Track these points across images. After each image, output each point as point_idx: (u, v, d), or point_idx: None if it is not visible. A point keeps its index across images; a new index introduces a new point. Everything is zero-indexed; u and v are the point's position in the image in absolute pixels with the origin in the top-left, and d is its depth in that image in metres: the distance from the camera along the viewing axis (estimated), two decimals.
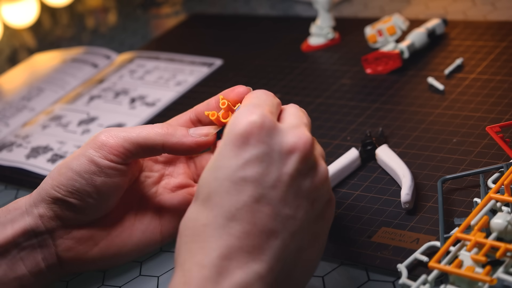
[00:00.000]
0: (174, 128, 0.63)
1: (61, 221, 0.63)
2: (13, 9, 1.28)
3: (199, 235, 0.50)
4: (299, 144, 0.52)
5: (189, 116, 0.67)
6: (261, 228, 0.50)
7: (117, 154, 0.62)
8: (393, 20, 0.90)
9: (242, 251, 0.50)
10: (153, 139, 0.62)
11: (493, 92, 0.78)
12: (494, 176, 0.64)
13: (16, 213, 0.64)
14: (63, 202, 0.62)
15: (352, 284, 0.60)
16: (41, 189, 0.63)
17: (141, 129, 0.63)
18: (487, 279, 0.50)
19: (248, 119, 0.52)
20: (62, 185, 0.62)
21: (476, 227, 0.54)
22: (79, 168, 0.62)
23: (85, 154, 0.62)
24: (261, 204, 0.50)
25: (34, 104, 1.04)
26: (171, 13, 1.27)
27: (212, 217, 0.50)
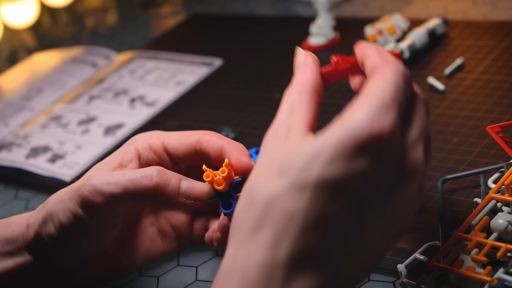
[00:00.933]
0: (164, 182, 0.57)
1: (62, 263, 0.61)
2: (13, 9, 1.28)
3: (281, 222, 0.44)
4: (417, 174, 0.45)
5: (194, 144, 0.61)
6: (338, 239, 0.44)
7: (100, 211, 0.57)
8: (394, 20, 0.90)
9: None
10: (140, 194, 0.57)
11: (494, 92, 0.78)
12: (495, 176, 0.64)
13: (15, 246, 0.61)
14: (58, 250, 0.60)
15: None
16: (36, 232, 0.60)
17: (128, 181, 0.56)
18: (487, 279, 0.50)
19: (376, 125, 0.44)
20: (55, 238, 0.58)
21: (477, 227, 0.54)
22: (68, 222, 0.58)
23: (71, 209, 0.57)
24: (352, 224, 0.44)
25: (34, 104, 1.04)
26: (171, 13, 1.27)
27: (301, 212, 0.44)
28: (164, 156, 0.62)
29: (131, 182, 0.56)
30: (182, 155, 0.62)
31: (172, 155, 0.62)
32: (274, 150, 0.47)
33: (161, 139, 0.62)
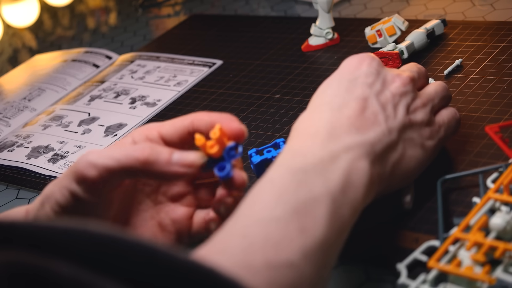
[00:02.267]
0: (155, 154, 0.58)
1: None
2: (14, 9, 1.28)
3: (313, 111, 0.60)
4: (400, 77, 0.63)
5: (187, 126, 0.63)
6: (367, 116, 0.59)
7: (94, 186, 0.58)
8: (393, 21, 0.91)
9: (351, 126, 0.58)
10: (132, 166, 0.58)
11: (492, 92, 0.78)
12: (493, 176, 0.64)
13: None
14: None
15: (352, 283, 0.60)
16: (34, 215, 0.61)
17: (120, 154, 0.58)
18: (486, 279, 0.50)
19: (362, 54, 0.64)
20: (48, 217, 0.59)
21: (475, 227, 0.55)
22: (65, 201, 0.58)
23: (67, 187, 0.58)
24: (369, 101, 0.60)
25: (35, 104, 1.04)
26: (172, 14, 1.27)
27: (328, 98, 0.60)
28: (161, 144, 0.63)
29: (124, 155, 0.58)
30: (177, 139, 0.63)
31: (168, 142, 0.63)
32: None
33: (157, 129, 0.63)
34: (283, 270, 0.49)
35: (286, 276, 0.49)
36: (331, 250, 0.52)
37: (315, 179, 0.54)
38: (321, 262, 0.51)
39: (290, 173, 0.54)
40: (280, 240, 0.50)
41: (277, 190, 0.53)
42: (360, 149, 0.57)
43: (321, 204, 0.52)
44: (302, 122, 0.60)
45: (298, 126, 0.60)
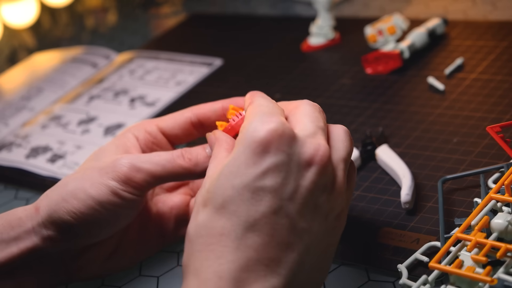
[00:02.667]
0: (194, 156, 0.60)
1: (72, 244, 0.62)
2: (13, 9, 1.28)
3: (214, 244, 0.49)
4: (317, 157, 0.51)
5: (190, 118, 0.66)
6: (279, 240, 0.49)
7: (140, 188, 0.60)
8: (393, 20, 0.90)
9: (260, 264, 0.49)
10: (177, 172, 0.60)
11: (494, 92, 0.78)
12: (495, 176, 0.64)
13: (21, 231, 0.60)
14: (76, 229, 0.60)
15: (352, 284, 0.60)
16: (51, 210, 0.60)
17: (165, 161, 0.60)
18: (487, 279, 0.50)
19: (268, 127, 0.50)
20: (80, 213, 0.59)
21: (477, 227, 0.54)
22: (101, 198, 0.59)
23: (107, 185, 0.59)
24: (279, 215, 0.49)
25: (34, 104, 1.04)
26: (171, 13, 1.27)
27: (230, 227, 0.49)
28: (160, 137, 0.65)
29: (169, 162, 0.60)
30: (179, 131, 0.65)
31: (168, 135, 0.65)
32: (199, 194, 0.53)
33: (155, 122, 0.65)
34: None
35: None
36: None
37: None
38: None
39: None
40: None
41: None
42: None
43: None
44: (200, 250, 0.50)
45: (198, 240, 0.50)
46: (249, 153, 0.50)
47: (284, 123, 0.51)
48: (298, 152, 0.51)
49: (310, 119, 0.54)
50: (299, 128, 0.53)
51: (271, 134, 0.50)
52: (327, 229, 0.52)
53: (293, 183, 0.50)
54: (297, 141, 0.51)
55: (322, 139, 0.52)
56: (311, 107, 0.55)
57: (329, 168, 0.52)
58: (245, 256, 0.48)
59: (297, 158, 0.50)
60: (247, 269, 0.48)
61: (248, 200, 0.49)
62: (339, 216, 0.53)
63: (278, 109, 0.54)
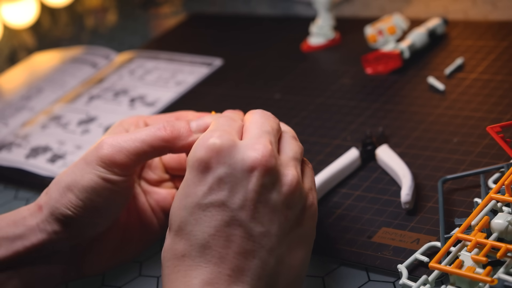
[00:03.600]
0: (177, 129, 0.60)
1: (76, 238, 0.62)
2: (13, 9, 1.28)
3: (179, 265, 0.52)
4: (258, 159, 0.52)
5: (175, 116, 0.67)
6: (236, 250, 0.51)
7: (126, 168, 0.60)
8: (394, 20, 0.90)
9: (223, 275, 0.50)
10: (158, 145, 0.60)
11: (494, 92, 0.78)
12: (495, 176, 0.64)
13: (25, 228, 0.61)
14: (78, 221, 0.60)
15: (352, 284, 0.60)
16: (53, 208, 0.60)
17: (144, 135, 0.60)
18: (487, 280, 0.50)
19: (206, 143, 0.52)
20: (78, 205, 0.60)
21: (477, 228, 0.54)
22: (92, 187, 0.59)
23: (95, 173, 0.59)
24: (232, 227, 0.51)
25: (34, 104, 1.04)
26: (171, 13, 1.27)
27: (188, 247, 0.51)
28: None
29: (148, 135, 0.60)
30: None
31: None
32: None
33: (143, 119, 0.66)
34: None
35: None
36: None
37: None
38: None
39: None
40: None
41: None
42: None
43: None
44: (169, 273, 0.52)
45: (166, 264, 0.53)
46: (194, 173, 0.52)
47: (221, 136, 0.52)
48: (241, 159, 0.52)
49: (256, 126, 0.56)
50: (245, 136, 0.55)
51: (210, 150, 0.52)
52: (291, 226, 0.53)
53: (241, 191, 0.51)
54: (237, 149, 0.52)
55: (265, 142, 0.53)
56: (259, 115, 0.57)
57: (275, 168, 0.52)
58: (207, 271, 0.51)
59: (240, 165, 0.52)
60: (211, 282, 0.50)
61: (201, 218, 0.51)
62: (304, 209, 0.54)
63: (228, 126, 0.55)
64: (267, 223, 0.52)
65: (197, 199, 0.51)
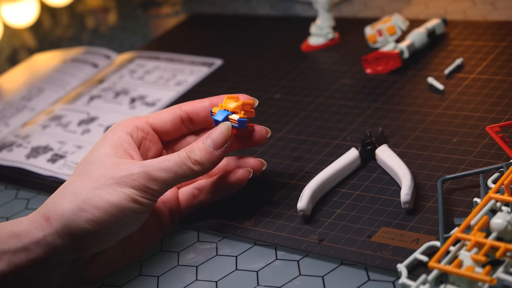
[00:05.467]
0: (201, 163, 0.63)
1: (82, 252, 0.62)
2: (13, 9, 1.28)
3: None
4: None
5: (179, 114, 0.69)
6: None
7: (157, 195, 0.62)
8: (393, 20, 0.90)
9: None
10: (187, 176, 0.63)
11: (493, 92, 0.78)
12: (494, 176, 0.64)
13: (30, 241, 0.60)
14: (92, 236, 0.60)
15: (352, 284, 0.60)
16: (68, 220, 0.60)
17: (176, 166, 0.62)
18: (487, 279, 0.50)
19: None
20: (100, 221, 0.60)
21: (476, 227, 0.54)
22: (121, 205, 0.60)
23: (125, 193, 0.60)
24: None
25: (34, 104, 1.04)
26: (171, 13, 1.27)
27: None
28: (152, 133, 0.68)
29: (179, 166, 0.62)
30: (170, 127, 0.69)
31: (159, 131, 0.68)
32: None
33: (144, 119, 0.68)
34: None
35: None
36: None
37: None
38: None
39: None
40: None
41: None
42: None
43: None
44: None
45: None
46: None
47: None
48: None
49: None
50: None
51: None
52: None
53: None
54: None
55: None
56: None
57: None
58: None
59: None
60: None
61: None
62: None
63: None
64: None
65: None
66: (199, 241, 0.69)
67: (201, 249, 0.68)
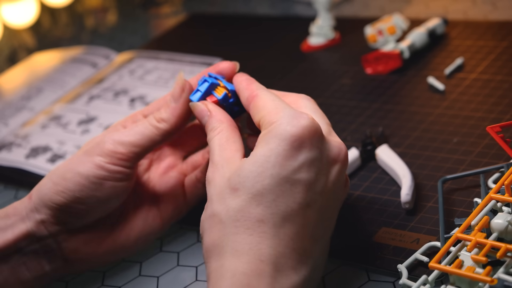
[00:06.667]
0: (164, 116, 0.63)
1: (64, 225, 0.63)
2: (13, 9, 1.28)
3: (253, 229, 0.51)
4: (342, 155, 0.55)
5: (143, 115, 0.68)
6: (310, 233, 0.53)
7: (126, 159, 0.62)
8: (394, 20, 0.90)
9: (295, 253, 0.52)
10: (155, 137, 0.63)
11: (494, 92, 0.78)
12: (495, 176, 0.64)
13: (16, 219, 0.63)
14: (67, 207, 0.62)
15: (352, 284, 0.60)
16: (42, 194, 0.62)
17: (143, 128, 0.63)
18: (487, 279, 0.50)
19: (302, 123, 0.53)
20: (69, 190, 0.61)
21: (477, 227, 0.54)
22: (87, 173, 0.61)
23: (93, 161, 0.62)
24: (310, 209, 0.53)
25: (34, 104, 1.04)
26: (171, 13, 1.27)
27: (269, 215, 0.52)
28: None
29: (145, 127, 0.63)
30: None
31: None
32: (220, 180, 0.54)
33: (140, 113, 0.67)
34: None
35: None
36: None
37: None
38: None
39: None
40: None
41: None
42: (304, 284, 0.52)
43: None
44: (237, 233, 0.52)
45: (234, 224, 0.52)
46: (286, 146, 0.52)
47: (314, 120, 0.54)
48: (328, 149, 0.54)
49: (319, 117, 0.58)
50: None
51: (307, 130, 0.53)
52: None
53: (323, 178, 0.54)
54: (325, 138, 0.55)
55: (337, 137, 0.57)
56: (313, 103, 0.59)
57: (347, 167, 0.56)
58: (283, 244, 0.51)
59: (326, 155, 0.54)
60: (285, 256, 0.51)
61: (287, 191, 0.52)
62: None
63: (311, 106, 0.59)
64: (333, 212, 0.55)
65: (286, 172, 0.52)
66: (199, 241, 0.69)
67: (201, 250, 0.67)
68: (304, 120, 0.53)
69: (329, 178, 0.54)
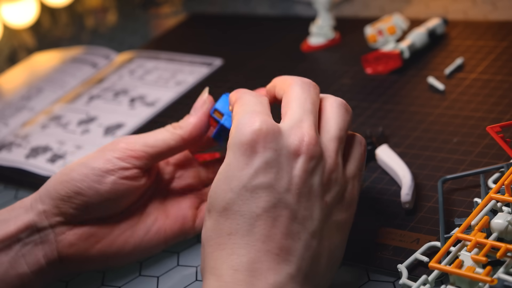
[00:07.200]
0: (185, 129, 0.65)
1: (64, 217, 0.63)
2: (13, 9, 1.28)
3: (225, 243, 0.52)
4: (303, 147, 0.53)
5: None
6: (283, 231, 0.52)
7: (137, 158, 0.63)
8: (394, 20, 0.90)
9: (270, 254, 0.52)
10: (172, 140, 0.65)
11: (494, 92, 0.78)
12: (495, 176, 0.64)
13: (21, 211, 0.64)
14: (68, 197, 0.62)
15: (352, 284, 0.60)
16: (48, 184, 0.64)
17: (159, 133, 0.65)
18: (487, 279, 0.50)
19: (252, 127, 0.53)
20: (72, 180, 0.62)
21: (477, 227, 0.54)
22: (94, 165, 0.63)
23: (103, 156, 0.63)
24: (278, 208, 0.52)
25: (34, 104, 1.04)
26: (171, 13, 1.27)
27: (236, 226, 0.52)
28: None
29: (160, 132, 0.65)
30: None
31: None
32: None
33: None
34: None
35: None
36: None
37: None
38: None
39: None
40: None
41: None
42: (289, 285, 0.51)
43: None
44: (212, 252, 0.53)
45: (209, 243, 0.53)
46: (240, 157, 0.53)
47: (266, 121, 0.54)
48: (285, 145, 0.53)
49: (298, 104, 0.56)
50: (287, 116, 0.56)
51: (256, 134, 0.53)
52: (331, 210, 0.55)
53: (286, 176, 0.53)
54: (282, 135, 0.54)
55: (307, 127, 0.54)
56: (300, 88, 0.58)
57: (317, 153, 0.54)
58: (255, 249, 0.52)
59: (285, 151, 0.53)
60: (259, 260, 0.51)
61: (248, 199, 0.52)
62: (342, 194, 0.56)
63: (261, 106, 0.57)
64: (310, 207, 0.53)
65: (243, 181, 0.52)
66: (199, 241, 0.69)
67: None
68: (255, 124, 0.53)
69: (294, 173, 0.53)
